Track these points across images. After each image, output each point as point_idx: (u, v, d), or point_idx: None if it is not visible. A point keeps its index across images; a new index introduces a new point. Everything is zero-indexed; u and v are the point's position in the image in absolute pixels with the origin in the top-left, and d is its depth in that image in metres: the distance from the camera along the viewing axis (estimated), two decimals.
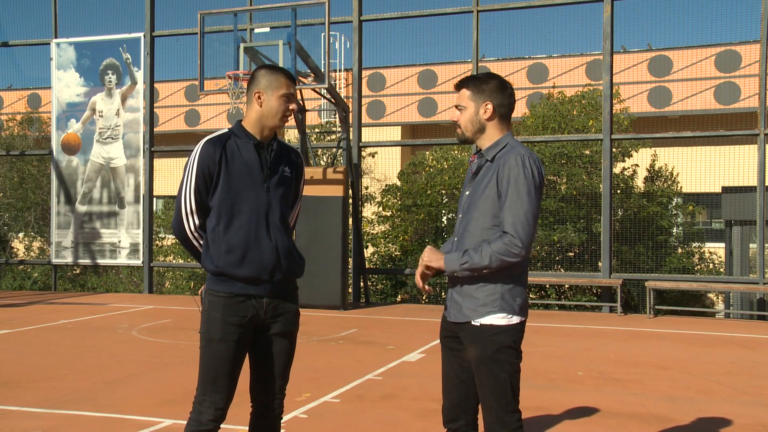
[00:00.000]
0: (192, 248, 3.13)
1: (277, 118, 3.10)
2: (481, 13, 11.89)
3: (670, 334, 8.95)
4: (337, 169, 10.96)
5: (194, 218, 3.06)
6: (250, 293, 3.03)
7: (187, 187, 3.04)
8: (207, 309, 3.06)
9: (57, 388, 5.83)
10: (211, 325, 3.03)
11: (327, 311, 10.57)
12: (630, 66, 17.74)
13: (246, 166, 3.05)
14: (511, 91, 3.06)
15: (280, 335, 3.11)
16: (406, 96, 19.38)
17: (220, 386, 3.01)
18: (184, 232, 3.08)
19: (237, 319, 3.02)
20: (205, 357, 3.04)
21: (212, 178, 3.02)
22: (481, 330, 2.92)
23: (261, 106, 3.09)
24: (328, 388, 5.81)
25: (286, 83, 3.11)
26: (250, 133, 3.11)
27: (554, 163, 13.87)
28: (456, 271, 2.92)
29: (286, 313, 3.12)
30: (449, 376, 3.10)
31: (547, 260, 13.59)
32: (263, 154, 3.11)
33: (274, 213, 3.08)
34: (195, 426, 3.01)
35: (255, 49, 10.62)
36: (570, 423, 4.94)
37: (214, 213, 3.04)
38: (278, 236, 3.07)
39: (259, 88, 3.09)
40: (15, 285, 16.06)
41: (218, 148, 3.03)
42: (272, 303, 3.07)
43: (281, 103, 3.09)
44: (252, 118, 3.12)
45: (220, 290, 3.03)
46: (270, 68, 3.16)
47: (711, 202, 14.93)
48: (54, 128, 13.78)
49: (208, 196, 3.04)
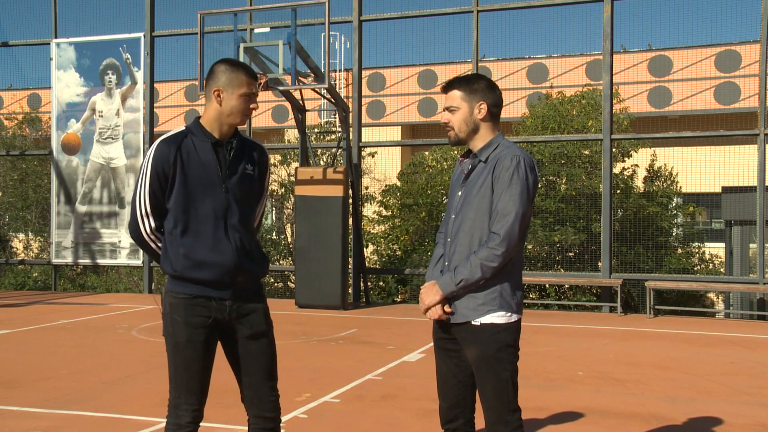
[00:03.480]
0: (150, 250, 3.04)
1: (237, 117, 2.98)
2: (481, 13, 11.89)
3: (670, 334, 8.95)
4: (337, 169, 10.96)
5: (149, 220, 2.96)
6: (211, 295, 2.94)
7: (141, 188, 2.94)
8: (168, 312, 2.97)
9: (57, 388, 5.83)
10: (175, 328, 2.95)
11: (327, 311, 10.57)
12: (630, 66, 17.74)
13: (203, 166, 2.93)
14: (500, 91, 3.06)
15: (251, 338, 3.01)
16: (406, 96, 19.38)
17: (194, 388, 2.95)
18: (140, 234, 2.99)
19: (200, 320, 2.94)
20: (175, 361, 2.96)
21: (167, 179, 2.91)
22: (481, 329, 2.91)
23: (220, 105, 2.95)
24: (328, 388, 5.81)
25: (248, 81, 2.97)
26: (208, 131, 2.98)
27: (554, 164, 13.86)
28: (454, 292, 2.91)
29: (252, 314, 3.02)
30: (446, 376, 3.09)
31: (547, 260, 13.59)
32: (222, 152, 2.98)
33: (234, 213, 2.96)
34: (174, 429, 2.96)
35: (255, 49, 10.62)
36: (570, 423, 4.94)
37: (171, 215, 2.94)
38: (238, 237, 2.96)
39: (218, 85, 2.95)
40: (15, 285, 16.05)
41: (173, 148, 2.91)
42: (235, 305, 2.98)
43: (241, 102, 2.96)
44: (210, 116, 2.98)
45: (180, 291, 2.95)
46: (230, 64, 3.00)
47: (711, 202, 14.92)
48: (54, 128, 13.78)
49: (164, 198, 2.94)
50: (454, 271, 2.90)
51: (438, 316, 2.97)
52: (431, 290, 2.96)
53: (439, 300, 2.94)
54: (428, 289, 2.97)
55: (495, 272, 2.87)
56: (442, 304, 2.95)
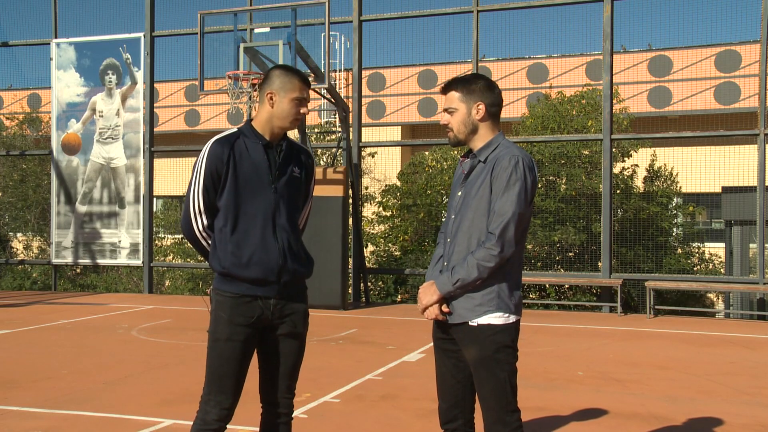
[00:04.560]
0: (201, 248, 3.13)
1: (288, 120, 3.07)
2: (481, 13, 11.89)
3: (670, 334, 8.95)
4: (337, 169, 10.96)
5: (203, 218, 3.05)
6: (257, 294, 3.02)
7: (195, 186, 3.02)
8: (214, 309, 3.05)
9: (57, 388, 5.84)
10: (218, 325, 3.03)
11: (327, 311, 10.57)
12: (630, 66, 17.74)
13: (254, 166, 3.02)
14: (499, 91, 3.05)
15: (288, 336, 3.11)
16: (406, 96, 19.38)
17: (226, 386, 3.01)
18: (193, 232, 3.07)
19: (244, 320, 3.01)
20: (212, 357, 3.04)
21: (220, 178, 3.00)
22: (479, 330, 2.91)
23: (272, 107, 3.05)
24: (328, 388, 5.81)
25: (300, 87, 3.07)
26: (260, 133, 3.08)
27: (554, 164, 13.86)
28: (451, 291, 2.91)
29: (293, 314, 3.12)
30: (444, 377, 3.10)
31: (547, 260, 13.59)
32: (272, 154, 3.08)
33: (282, 214, 3.05)
34: (200, 425, 3.01)
35: (255, 49, 10.62)
36: (570, 423, 4.94)
37: (221, 213, 3.03)
38: (285, 237, 3.05)
39: (272, 88, 3.05)
40: (15, 285, 16.05)
41: (226, 148, 3.01)
42: (279, 304, 3.06)
43: (293, 106, 3.06)
44: (262, 118, 3.08)
45: (227, 290, 3.03)
46: (285, 69, 3.12)
47: (711, 202, 14.92)
48: (54, 128, 13.78)
49: (216, 196, 3.02)
50: (452, 271, 2.91)
51: (435, 316, 2.98)
52: (429, 290, 2.96)
53: (436, 300, 2.94)
54: (426, 289, 2.98)
55: (492, 272, 2.87)
56: (439, 304, 2.96)
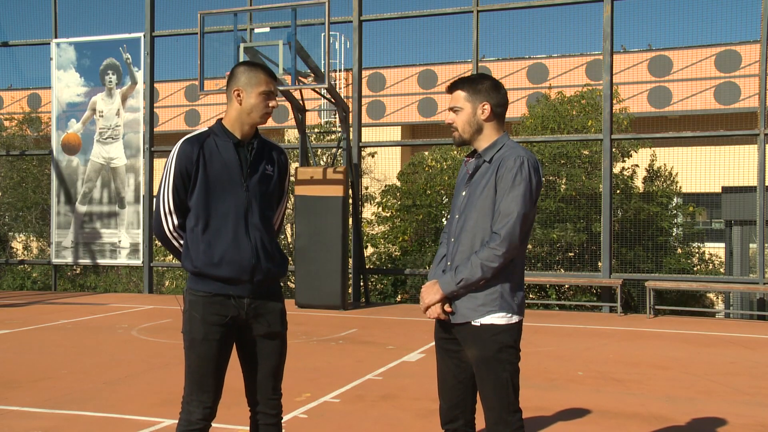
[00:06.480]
0: (172, 248, 3.12)
1: (258, 115, 3.06)
2: (481, 13, 11.89)
3: (670, 334, 8.95)
4: (337, 169, 10.96)
5: (173, 218, 3.04)
6: (230, 293, 3.00)
7: (165, 186, 3.02)
8: (188, 308, 3.04)
9: (57, 388, 5.84)
10: (193, 325, 3.02)
11: (327, 311, 10.57)
12: (630, 66, 17.74)
13: (225, 165, 3.01)
14: (505, 91, 3.05)
15: (266, 336, 3.08)
16: (406, 96, 19.37)
17: (207, 385, 3.01)
18: (164, 232, 3.07)
19: (217, 319, 3.00)
20: (190, 357, 3.04)
21: (190, 177, 2.99)
22: (481, 330, 2.91)
23: (240, 104, 3.04)
24: (328, 388, 5.81)
25: (266, 80, 3.06)
26: (230, 132, 3.07)
27: (554, 164, 13.86)
28: (454, 291, 2.91)
29: (269, 314, 3.08)
30: (446, 377, 3.09)
31: (547, 260, 13.59)
32: (243, 152, 3.06)
33: (254, 213, 3.03)
34: (185, 426, 3.01)
35: (255, 49, 10.62)
36: (570, 423, 4.94)
37: (192, 213, 3.02)
38: (258, 236, 3.03)
39: (238, 85, 3.04)
40: (15, 285, 16.05)
41: (196, 147, 3.01)
42: (253, 303, 3.04)
43: (261, 100, 3.05)
44: (232, 116, 3.07)
45: (200, 290, 3.02)
46: (249, 65, 3.11)
47: (711, 202, 14.92)
48: (54, 128, 13.78)
49: (186, 196, 3.02)
50: (455, 270, 2.90)
51: (437, 315, 2.97)
52: (432, 289, 2.96)
53: (439, 299, 2.94)
54: (429, 288, 2.97)
55: (496, 272, 2.87)
56: (442, 303, 2.95)
